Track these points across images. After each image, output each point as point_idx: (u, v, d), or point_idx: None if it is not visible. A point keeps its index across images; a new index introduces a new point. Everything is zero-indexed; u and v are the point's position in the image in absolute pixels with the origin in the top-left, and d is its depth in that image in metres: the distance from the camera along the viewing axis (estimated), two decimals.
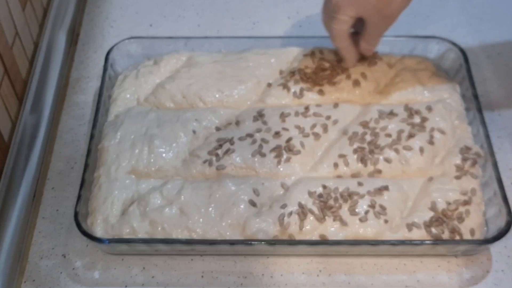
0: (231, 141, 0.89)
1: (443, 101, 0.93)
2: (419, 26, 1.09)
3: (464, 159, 0.87)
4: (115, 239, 0.82)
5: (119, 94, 0.96)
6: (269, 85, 0.96)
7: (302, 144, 0.89)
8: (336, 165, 0.87)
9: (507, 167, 0.91)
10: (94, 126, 0.90)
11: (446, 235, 0.81)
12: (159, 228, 0.82)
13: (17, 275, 0.82)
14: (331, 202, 0.83)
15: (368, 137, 0.89)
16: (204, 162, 0.87)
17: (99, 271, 0.83)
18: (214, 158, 0.87)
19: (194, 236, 0.81)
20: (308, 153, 0.88)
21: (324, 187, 0.84)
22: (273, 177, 0.87)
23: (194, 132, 0.90)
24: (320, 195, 0.84)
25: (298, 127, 0.90)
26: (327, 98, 0.94)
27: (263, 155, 0.87)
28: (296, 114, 0.92)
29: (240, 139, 0.89)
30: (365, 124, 0.90)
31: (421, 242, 0.81)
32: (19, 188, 0.87)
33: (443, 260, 0.83)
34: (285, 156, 0.88)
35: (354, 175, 0.87)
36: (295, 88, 0.95)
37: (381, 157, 0.87)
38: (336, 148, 0.88)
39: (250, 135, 0.89)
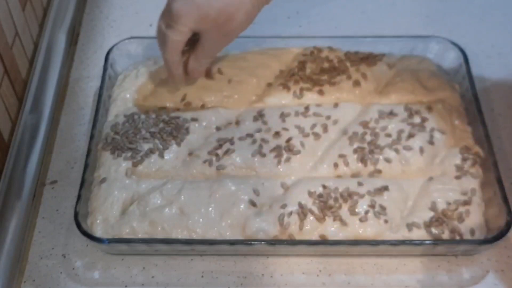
0: (231, 141, 0.89)
1: (443, 101, 0.93)
2: (419, 26, 1.09)
3: (464, 159, 0.87)
4: (115, 239, 0.82)
5: (119, 94, 0.96)
6: (269, 85, 0.96)
7: (302, 144, 0.89)
8: (336, 165, 0.87)
9: (507, 167, 0.91)
10: (94, 126, 0.90)
11: (446, 235, 0.81)
12: (159, 228, 0.82)
13: (17, 275, 0.82)
14: (331, 202, 0.83)
15: (368, 137, 0.89)
16: (204, 162, 0.87)
17: (99, 271, 0.83)
18: (214, 158, 0.87)
19: (194, 236, 0.81)
20: (308, 153, 0.88)
21: (324, 187, 0.84)
22: (273, 177, 0.87)
23: (194, 132, 0.90)
24: (320, 195, 0.84)
25: (298, 127, 0.90)
26: (327, 98, 0.94)
27: (263, 155, 0.87)
28: (296, 114, 0.92)
29: (240, 139, 0.89)
30: (365, 124, 0.90)
31: (421, 242, 0.81)
32: (19, 188, 0.87)
33: (443, 260, 0.83)
34: (285, 156, 0.88)
35: (354, 175, 0.87)
36: (295, 88, 0.95)
37: (381, 157, 0.87)
38: (336, 148, 0.88)
39: (250, 135, 0.89)
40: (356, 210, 0.82)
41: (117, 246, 0.82)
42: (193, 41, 0.88)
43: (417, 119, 0.91)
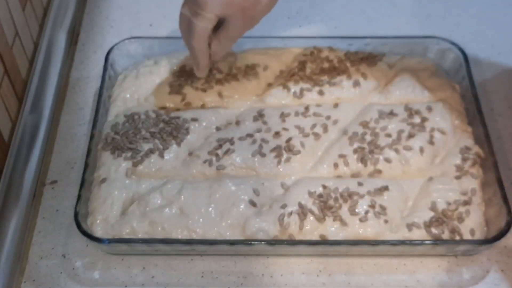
0: (231, 141, 0.89)
1: (443, 101, 0.93)
2: (419, 26, 1.09)
3: (464, 159, 0.87)
4: (115, 239, 0.82)
5: (119, 94, 0.96)
6: (269, 85, 0.96)
7: (302, 144, 0.89)
8: (336, 165, 0.87)
9: (507, 167, 0.91)
10: (94, 126, 0.90)
11: (446, 235, 0.81)
12: (159, 228, 0.82)
13: (17, 275, 0.82)
14: (331, 202, 0.83)
15: (368, 137, 0.89)
16: (204, 162, 0.87)
17: (99, 271, 0.83)
18: (214, 158, 0.87)
19: (194, 236, 0.81)
20: (308, 153, 0.89)
21: (324, 187, 0.84)
22: (273, 177, 0.87)
23: (194, 132, 0.90)
24: (320, 195, 0.84)
25: (298, 127, 0.90)
26: (327, 98, 0.94)
27: (263, 155, 0.87)
28: (296, 114, 0.92)
29: (240, 139, 0.89)
30: (365, 124, 0.90)
31: (421, 242, 0.81)
32: (19, 188, 0.87)
33: (443, 260, 0.83)
34: (285, 156, 0.88)
35: (354, 175, 0.87)
36: (295, 88, 0.95)
37: (381, 157, 0.87)
38: (336, 148, 0.88)
39: (250, 135, 0.89)
40: (356, 210, 0.82)
41: (117, 246, 0.82)
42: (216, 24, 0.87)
43: (417, 119, 0.91)
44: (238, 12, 0.84)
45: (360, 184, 0.85)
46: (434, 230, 0.81)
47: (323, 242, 0.81)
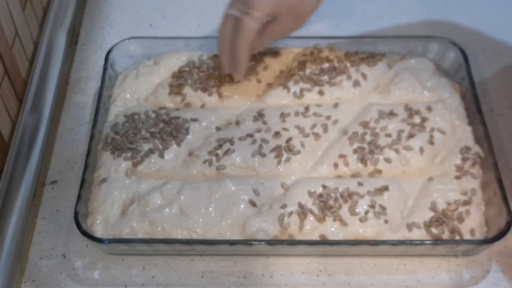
0: (231, 141, 0.89)
1: (443, 101, 0.93)
2: (419, 26, 1.09)
3: (464, 159, 0.87)
4: (115, 239, 0.82)
5: (119, 94, 0.96)
6: (269, 85, 0.96)
7: (302, 144, 0.89)
8: (336, 165, 0.87)
9: (507, 167, 0.91)
10: (94, 126, 0.90)
11: (446, 235, 0.81)
12: (159, 228, 0.82)
13: (17, 275, 0.82)
14: (331, 202, 0.83)
15: (368, 137, 0.89)
16: (204, 162, 0.87)
17: (99, 271, 0.83)
18: (214, 158, 0.87)
19: (194, 236, 0.81)
20: (308, 153, 0.89)
21: (324, 187, 0.84)
22: (273, 177, 0.87)
23: (194, 132, 0.90)
24: (320, 195, 0.84)
25: (298, 127, 0.90)
26: (327, 98, 0.94)
27: (263, 155, 0.87)
28: (296, 114, 0.92)
29: (240, 139, 0.89)
30: (365, 124, 0.90)
31: (421, 242, 0.81)
32: (19, 188, 0.87)
33: (443, 260, 0.83)
34: (285, 156, 0.88)
35: (354, 175, 0.87)
36: (295, 88, 0.95)
37: (381, 157, 0.87)
38: (336, 148, 0.88)
39: (250, 135, 0.89)
40: (356, 210, 0.82)
41: (117, 246, 0.82)
42: None
43: (417, 119, 0.91)
44: (287, 11, 0.84)
45: (360, 184, 0.85)
46: (434, 230, 0.81)
47: (323, 242, 0.81)
